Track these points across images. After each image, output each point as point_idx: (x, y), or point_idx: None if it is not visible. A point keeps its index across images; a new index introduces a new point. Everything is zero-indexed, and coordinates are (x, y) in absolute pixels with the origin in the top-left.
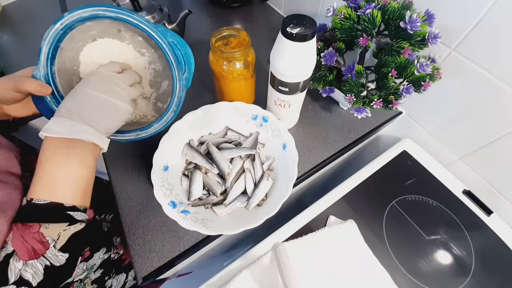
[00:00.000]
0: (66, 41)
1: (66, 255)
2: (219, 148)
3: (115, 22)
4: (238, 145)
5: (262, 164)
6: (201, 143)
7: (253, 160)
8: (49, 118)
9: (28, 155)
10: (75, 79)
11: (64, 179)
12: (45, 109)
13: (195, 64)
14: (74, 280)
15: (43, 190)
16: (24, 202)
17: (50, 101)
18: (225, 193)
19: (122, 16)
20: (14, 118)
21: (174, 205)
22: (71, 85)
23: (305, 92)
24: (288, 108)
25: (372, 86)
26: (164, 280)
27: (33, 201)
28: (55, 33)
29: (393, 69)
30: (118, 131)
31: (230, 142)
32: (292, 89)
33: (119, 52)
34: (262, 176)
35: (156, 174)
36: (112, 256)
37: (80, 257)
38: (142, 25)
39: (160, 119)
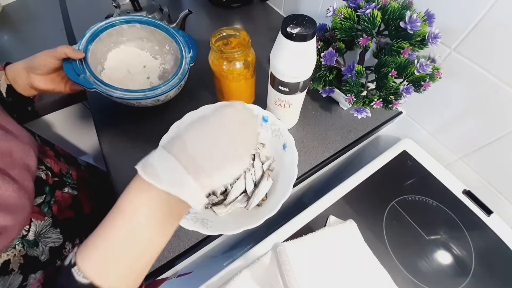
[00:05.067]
0: (105, 35)
1: None
2: None
3: (143, 29)
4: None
5: (262, 164)
6: None
7: (253, 160)
8: (73, 80)
9: (44, 147)
10: (99, 67)
11: (138, 254)
12: (72, 72)
13: (195, 64)
14: None
15: (99, 264)
16: (67, 261)
17: (78, 65)
18: (225, 193)
19: (147, 20)
20: (34, 98)
21: None
22: (94, 69)
23: (305, 92)
24: (288, 108)
25: (372, 86)
26: (164, 280)
27: (73, 270)
28: (100, 27)
29: (393, 69)
30: (127, 90)
31: None
32: (292, 89)
33: (139, 56)
34: (262, 176)
35: None
36: None
37: None
38: (163, 25)
39: (167, 82)
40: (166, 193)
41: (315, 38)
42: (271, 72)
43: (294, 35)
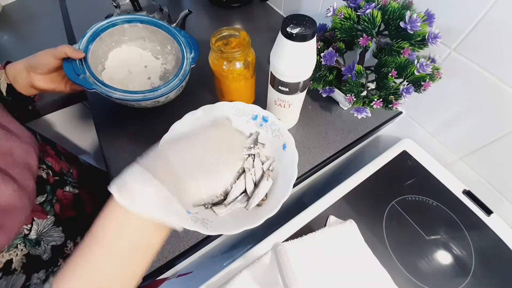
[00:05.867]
0: (106, 34)
1: None
2: None
3: (145, 28)
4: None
5: (262, 164)
6: None
7: (253, 160)
8: (73, 80)
9: (45, 146)
10: (100, 67)
11: (122, 279)
12: (72, 72)
13: (195, 64)
14: None
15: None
16: (47, 286)
17: (78, 65)
18: (225, 193)
19: (148, 19)
20: (35, 97)
21: None
22: (95, 68)
23: (305, 92)
24: (288, 108)
25: (372, 86)
26: (164, 280)
27: None
28: (101, 26)
29: (393, 69)
30: (127, 91)
31: None
32: (292, 89)
33: (140, 56)
34: (262, 176)
35: None
36: None
37: None
38: (164, 25)
39: (167, 84)
40: (148, 219)
41: (315, 38)
42: (271, 72)
43: (294, 35)
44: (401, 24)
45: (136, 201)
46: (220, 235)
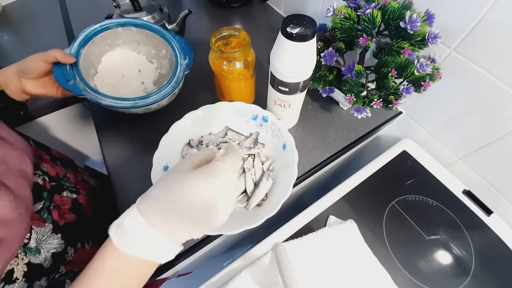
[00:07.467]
0: (99, 38)
1: None
2: (219, 148)
3: (139, 32)
4: (238, 145)
5: (262, 164)
6: (201, 143)
7: (253, 160)
8: (62, 85)
9: (39, 151)
10: (92, 71)
11: None
12: (62, 77)
13: (195, 64)
14: None
15: None
16: None
17: (69, 70)
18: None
19: (142, 23)
20: (27, 102)
21: None
22: (87, 72)
23: (305, 92)
24: (288, 108)
25: (372, 86)
26: (164, 280)
27: None
28: (94, 30)
29: (393, 69)
30: (116, 98)
31: None
32: (292, 89)
33: (134, 60)
34: (262, 176)
35: (156, 174)
36: None
37: None
38: (159, 29)
39: (159, 91)
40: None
41: (315, 38)
42: (271, 72)
43: (294, 35)
44: (401, 24)
45: (129, 244)
46: (220, 235)
